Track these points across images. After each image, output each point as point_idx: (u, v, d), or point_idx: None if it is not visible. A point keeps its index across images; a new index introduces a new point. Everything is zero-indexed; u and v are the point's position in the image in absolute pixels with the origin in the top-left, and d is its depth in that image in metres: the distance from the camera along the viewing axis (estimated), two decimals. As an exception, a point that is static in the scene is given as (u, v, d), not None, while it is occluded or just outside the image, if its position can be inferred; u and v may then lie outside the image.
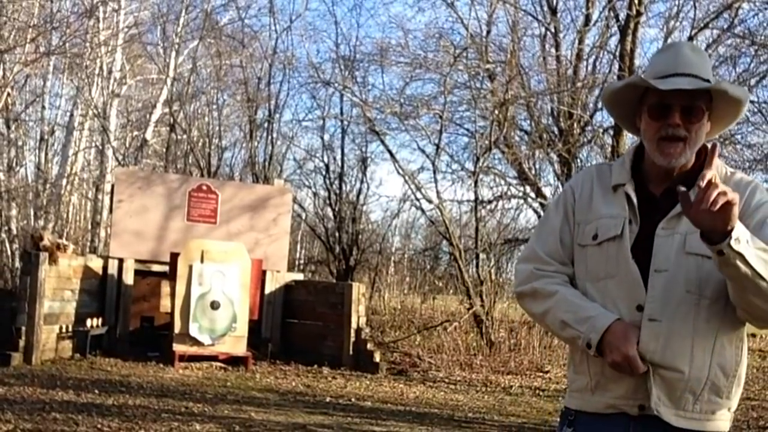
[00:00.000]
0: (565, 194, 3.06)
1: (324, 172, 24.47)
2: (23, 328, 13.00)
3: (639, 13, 16.49)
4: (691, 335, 2.70)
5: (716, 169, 2.70)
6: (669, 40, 18.00)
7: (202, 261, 14.25)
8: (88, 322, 14.19)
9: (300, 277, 18.22)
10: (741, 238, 2.48)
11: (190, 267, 14.16)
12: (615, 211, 2.86)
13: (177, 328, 14.04)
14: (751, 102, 16.75)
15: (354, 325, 15.19)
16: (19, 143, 22.34)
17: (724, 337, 2.75)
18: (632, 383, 2.74)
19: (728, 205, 2.41)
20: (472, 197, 19.56)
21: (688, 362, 2.71)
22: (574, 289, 2.89)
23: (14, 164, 21.53)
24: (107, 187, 21.57)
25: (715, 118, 2.88)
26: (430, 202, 20.06)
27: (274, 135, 24.45)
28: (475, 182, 19.17)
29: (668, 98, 2.75)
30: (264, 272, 16.09)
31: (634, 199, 2.84)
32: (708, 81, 2.77)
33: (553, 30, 18.88)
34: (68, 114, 24.42)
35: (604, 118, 18.15)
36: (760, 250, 2.54)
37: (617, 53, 17.66)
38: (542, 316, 2.92)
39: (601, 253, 2.84)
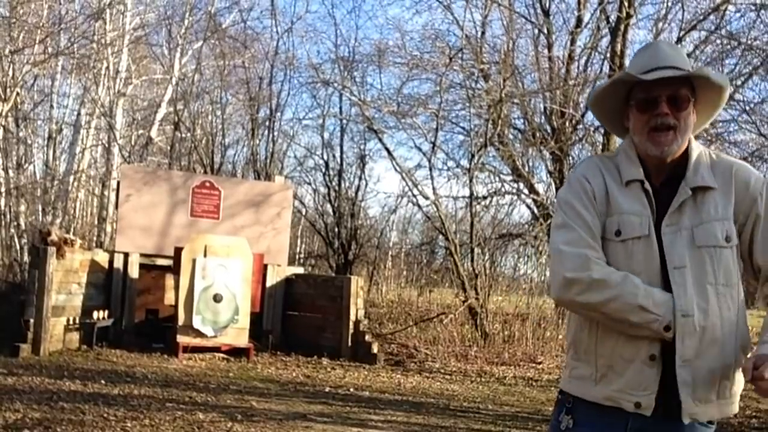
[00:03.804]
0: (581, 184, 2.96)
1: (323, 169, 24.65)
2: (31, 321, 13.06)
3: (629, 15, 16.46)
4: (720, 324, 2.76)
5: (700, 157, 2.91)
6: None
7: (205, 255, 14.33)
8: (95, 315, 14.24)
9: (300, 270, 18.24)
10: None
11: (194, 261, 14.23)
12: (636, 207, 2.85)
13: (181, 321, 14.11)
14: (737, 101, 16.94)
15: (352, 317, 15.27)
16: (28, 141, 22.34)
17: (741, 318, 2.84)
18: (634, 378, 2.77)
19: None
20: (467, 193, 19.60)
21: (720, 351, 2.77)
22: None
23: (23, 161, 21.47)
24: (113, 184, 21.47)
25: (699, 107, 2.95)
26: (426, 198, 20.24)
27: (276, 133, 24.59)
28: (470, 179, 19.23)
29: (654, 90, 2.83)
30: (265, 266, 16.23)
31: (652, 197, 2.86)
32: (689, 71, 2.86)
33: (545, 31, 18.80)
34: (76, 113, 24.53)
35: (595, 117, 18.24)
36: None
37: (608, 54, 17.71)
38: (604, 303, 2.74)
39: (625, 251, 2.83)
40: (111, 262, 15.50)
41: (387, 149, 21.53)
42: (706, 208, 2.84)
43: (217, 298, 14.28)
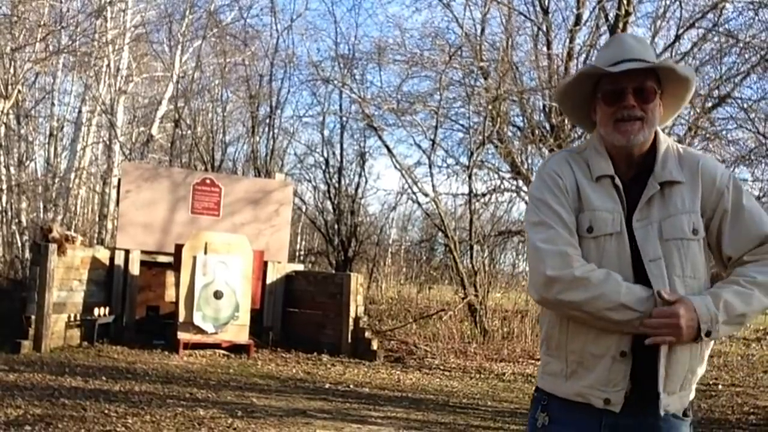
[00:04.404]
0: (554, 180, 2.92)
1: (323, 167, 24.70)
2: (33, 317, 13.13)
3: (628, 13, 16.41)
4: None
5: (667, 152, 2.91)
6: (656, 39, 18.25)
7: (205, 252, 14.42)
8: (96, 311, 14.31)
9: (300, 267, 18.31)
10: (711, 329, 2.66)
11: (194, 258, 14.32)
12: (608, 204, 2.83)
13: (181, 317, 14.19)
14: (735, 99, 16.97)
15: (352, 314, 15.35)
16: (30, 138, 22.35)
17: None
18: (603, 374, 2.76)
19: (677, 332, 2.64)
20: (467, 191, 19.73)
21: (689, 344, 2.74)
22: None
23: (24, 159, 21.47)
24: (114, 181, 21.63)
25: (666, 100, 2.94)
26: (426, 195, 20.34)
27: (276, 131, 24.65)
28: (470, 176, 19.36)
29: (621, 83, 2.82)
30: (265, 263, 16.31)
31: (623, 193, 2.84)
32: (654, 63, 2.86)
33: (545, 29, 18.70)
34: (77, 110, 24.68)
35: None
36: (733, 315, 2.70)
37: (607, 51, 17.65)
38: (587, 301, 2.70)
39: (597, 247, 2.80)
40: (112, 258, 15.56)
41: (387, 146, 21.57)
42: (673, 202, 2.84)
43: (217, 295, 14.36)
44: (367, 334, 15.50)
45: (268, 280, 16.55)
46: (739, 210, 2.87)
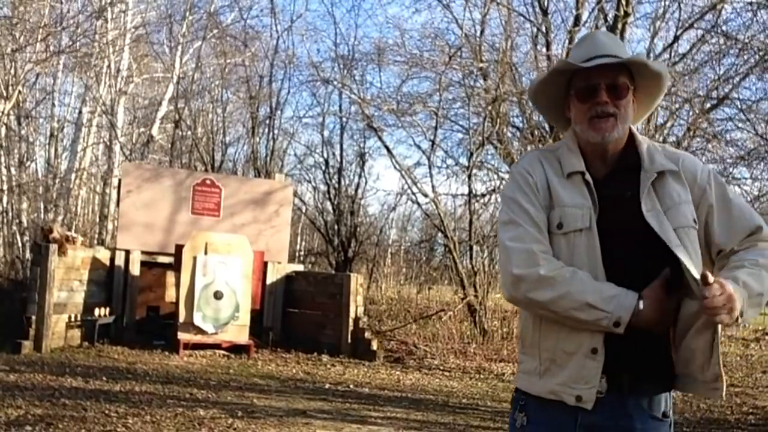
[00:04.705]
0: (524, 178, 2.91)
1: (323, 167, 24.71)
2: (33, 318, 13.14)
3: (627, 14, 16.43)
4: None
5: (649, 147, 2.91)
6: (655, 40, 18.29)
7: (206, 252, 14.43)
8: (96, 312, 14.33)
9: (300, 268, 18.33)
10: (743, 310, 2.60)
11: (195, 258, 14.34)
12: (577, 200, 2.81)
13: (182, 318, 14.21)
14: (733, 100, 16.98)
15: (352, 314, 15.36)
16: (30, 139, 22.28)
17: None
18: (575, 371, 2.74)
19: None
20: (466, 191, 19.82)
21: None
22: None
23: (25, 159, 21.33)
24: (115, 182, 21.67)
25: (639, 96, 2.95)
26: (425, 195, 20.35)
27: (276, 131, 24.70)
28: (469, 176, 19.42)
29: (594, 78, 2.82)
30: (265, 263, 16.34)
31: (594, 189, 2.82)
32: (626, 58, 2.85)
33: (544, 30, 18.74)
34: (77, 111, 24.69)
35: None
36: (753, 295, 2.67)
37: (605, 52, 17.64)
38: (552, 301, 2.71)
39: (567, 244, 2.79)
40: (112, 259, 15.58)
41: (386, 147, 21.56)
42: (668, 193, 2.84)
43: (217, 296, 14.38)
44: (367, 334, 15.50)
45: (268, 281, 16.56)
46: (727, 203, 2.89)
